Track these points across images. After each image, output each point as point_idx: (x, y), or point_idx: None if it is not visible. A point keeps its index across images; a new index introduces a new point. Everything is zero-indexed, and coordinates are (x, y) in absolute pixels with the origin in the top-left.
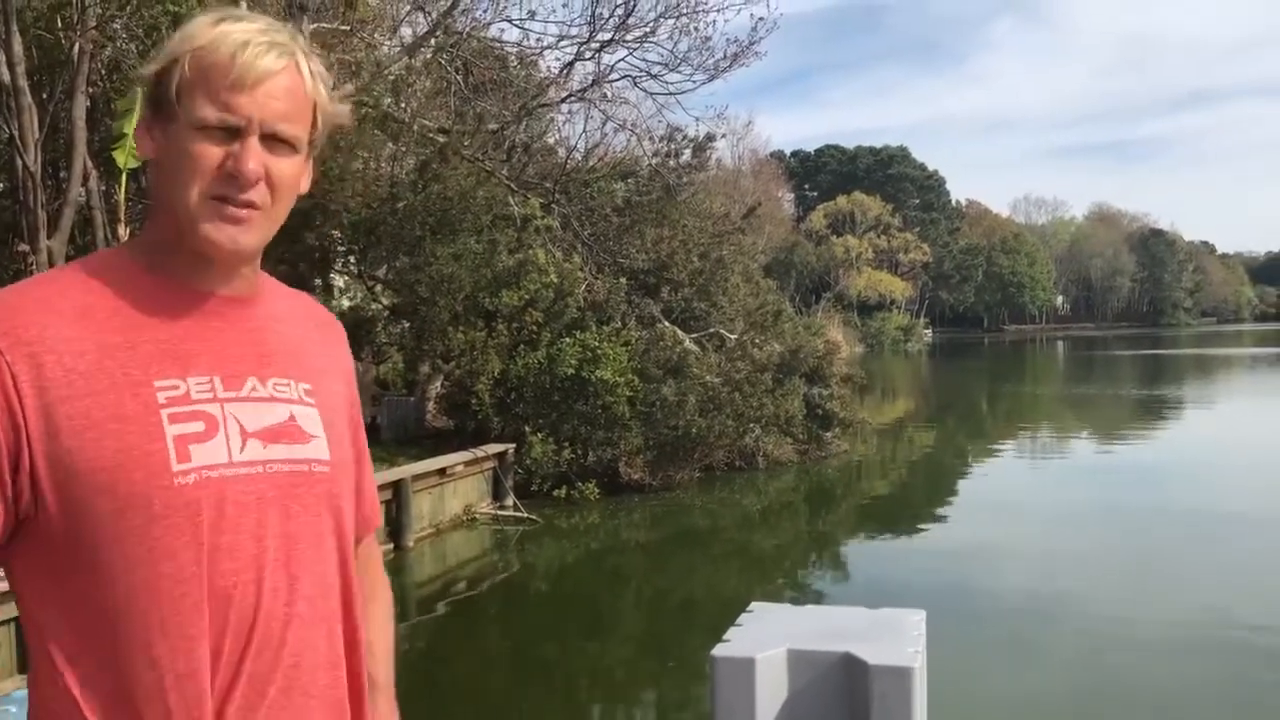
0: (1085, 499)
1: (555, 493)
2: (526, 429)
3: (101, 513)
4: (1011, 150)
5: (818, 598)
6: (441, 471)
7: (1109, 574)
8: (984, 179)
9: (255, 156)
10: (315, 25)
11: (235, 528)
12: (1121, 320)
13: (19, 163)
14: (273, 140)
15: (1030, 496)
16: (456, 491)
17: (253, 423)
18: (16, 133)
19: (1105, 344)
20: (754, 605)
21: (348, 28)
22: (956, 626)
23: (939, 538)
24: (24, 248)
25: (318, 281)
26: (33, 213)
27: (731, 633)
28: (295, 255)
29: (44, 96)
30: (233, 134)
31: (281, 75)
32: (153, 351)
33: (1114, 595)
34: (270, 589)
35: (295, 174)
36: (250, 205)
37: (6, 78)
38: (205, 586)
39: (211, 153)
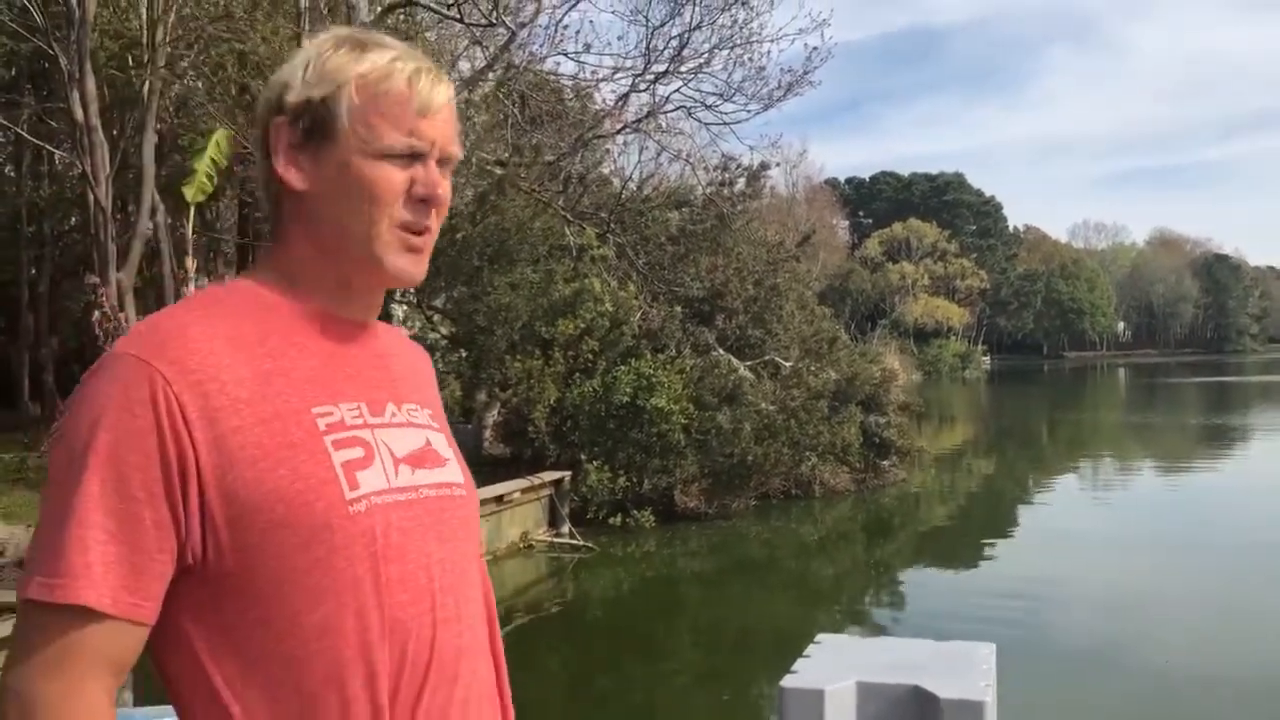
0: (1153, 530)
1: (611, 520)
2: (582, 456)
3: (282, 546)
4: (1069, 175)
5: (878, 629)
6: (499, 499)
7: (1182, 610)
8: (1042, 205)
9: (442, 180)
10: None
11: (403, 556)
12: (1185, 347)
13: (91, 197)
14: (442, 163)
15: (1094, 527)
16: (514, 518)
17: (400, 448)
18: (89, 168)
19: (1168, 371)
20: (821, 636)
21: None
22: (1024, 660)
23: (1001, 569)
24: (94, 279)
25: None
26: (103, 245)
27: (799, 664)
28: None
29: (115, 133)
30: (412, 159)
31: (450, 101)
32: (305, 377)
33: (1188, 633)
34: (443, 619)
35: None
36: (427, 231)
37: (80, 115)
38: (385, 619)
39: (398, 178)
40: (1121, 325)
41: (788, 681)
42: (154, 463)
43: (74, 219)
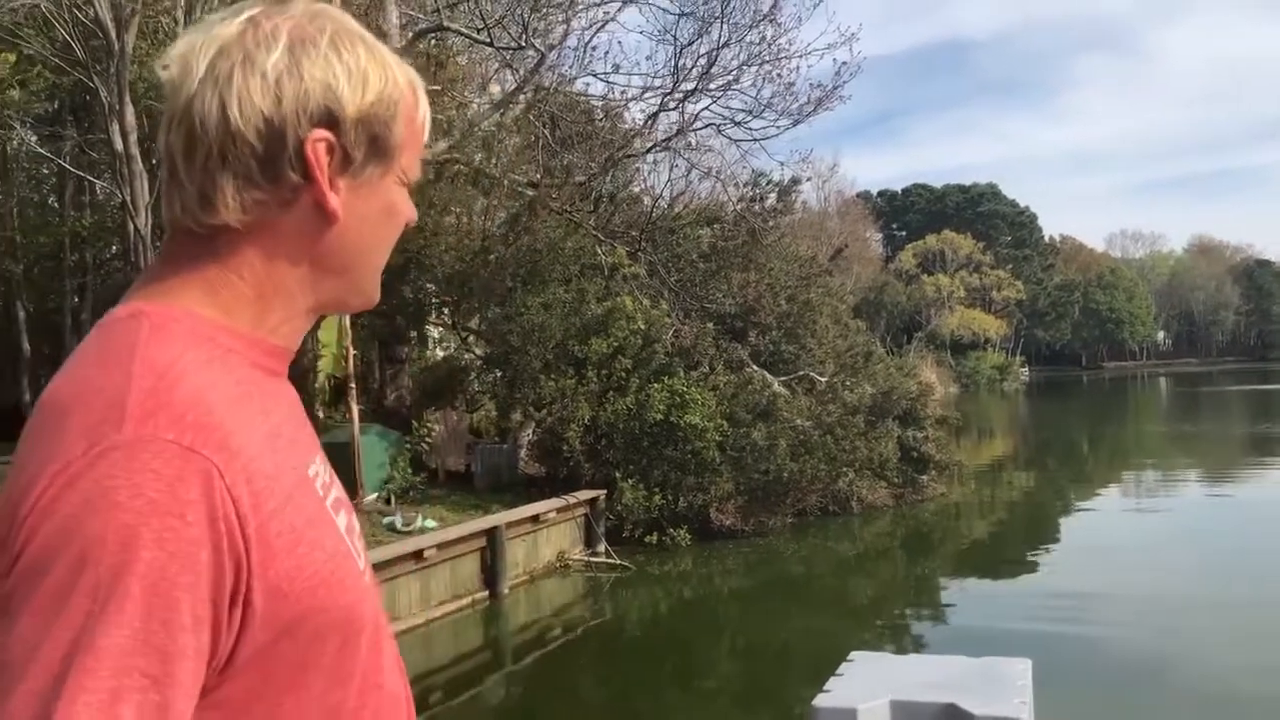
0: (1197, 543)
1: (647, 539)
2: (617, 475)
3: (320, 634)
4: (1105, 184)
5: (917, 645)
6: (535, 518)
7: (1226, 626)
8: (1077, 214)
9: None
10: None
11: (383, 618)
12: (1227, 355)
13: (131, 226)
14: None
15: (1137, 540)
16: (549, 538)
17: (338, 492)
18: (129, 197)
19: (1211, 379)
20: (854, 654)
21: (439, 87)
22: (1062, 677)
23: (1041, 584)
24: None
25: (413, 333)
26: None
27: (832, 683)
28: (392, 309)
29: (154, 163)
30: None
31: None
32: (289, 433)
33: (1232, 649)
34: (404, 679)
35: None
36: None
37: (120, 145)
38: (396, 693)
39: (409, 209)
40: (1162, 334)
41: (820, 701)
42: (205, 581)
43: (115, 247)
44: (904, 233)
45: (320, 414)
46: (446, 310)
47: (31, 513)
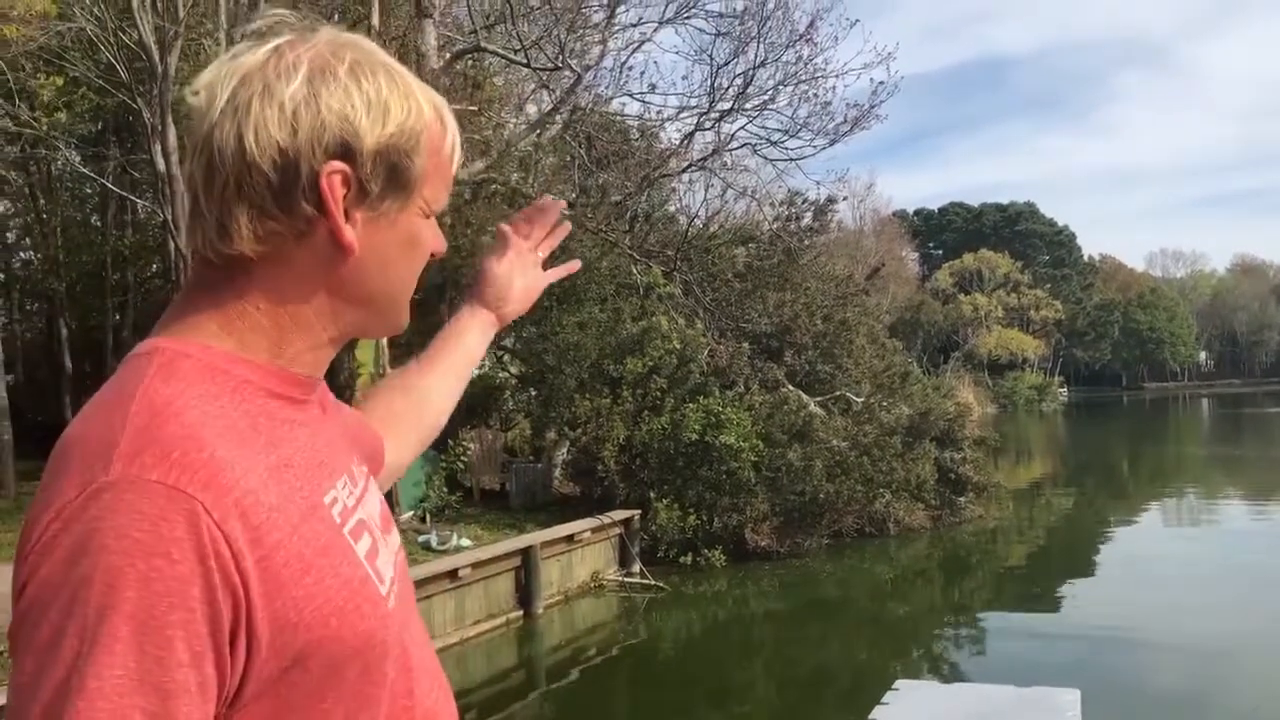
0: (1243, 569)
1: (681, 559)
2: (651, 495)
3: (337, 663)
4: (1145, 203)
5: (957, 673)
6: (569, 538)
7: (1277, 655)
8: (1117, 233)
9: None
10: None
11: (417, 640)
12: (1272, 376)
13: (171, 245)
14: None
15: (1181, 565)
16: (584, 558)
17: (374, 516)
18: (170, 217)
19: (1254, 401)
20: (899, 683)
21: (475, 108)
22: (1110, 707)
23: (1084, 608)
24: None
25: None
26: None
27: (878, 712)
28: (429, 327)
29: None
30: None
31: None
32: (305, 462)
33: None
34: (446, 695)
35: None
36: None
37: (162, 166)
38: (434, 711)
39: (434, 237)
40: (1203, 355)
41: None
42: (200, 616)
43: (155, 266)
44: (940, 252)
45: None
46: None
47: (32, 552)
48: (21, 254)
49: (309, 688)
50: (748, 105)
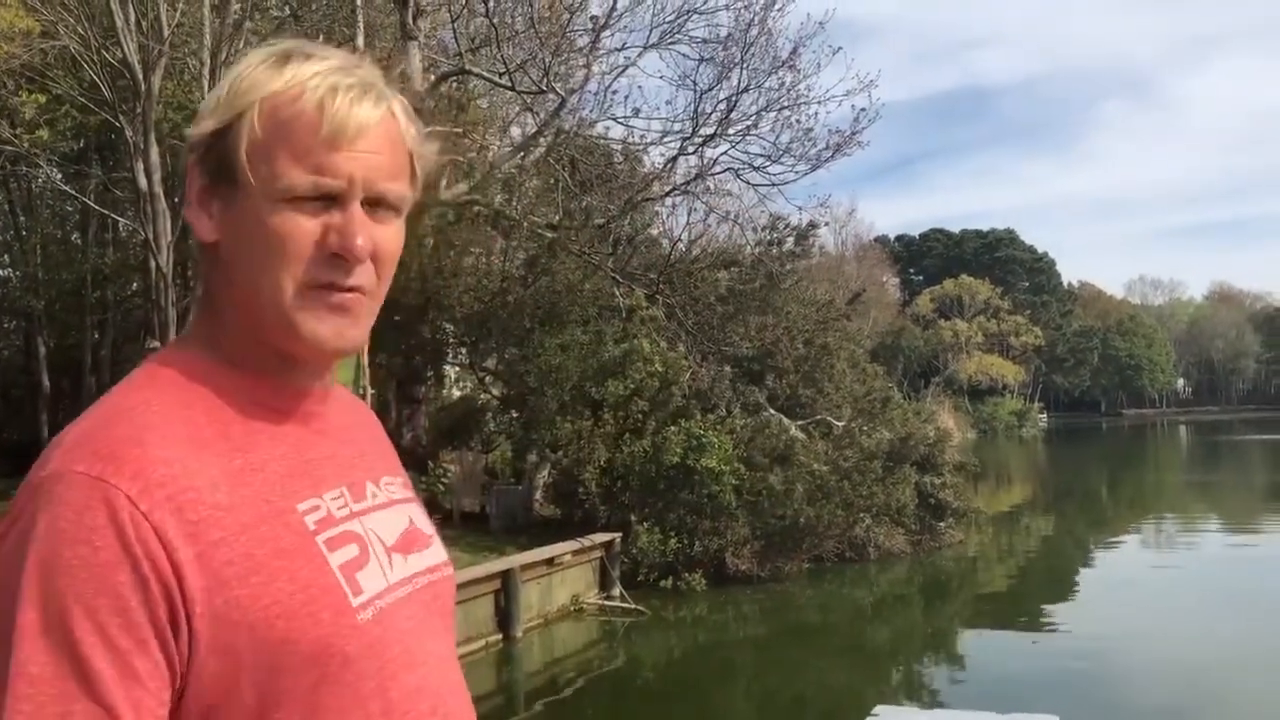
0: (1220, 594)
1: (662, 583)
2: (632, 518)
3: (287, 668)
4: (1124, 231)
5: (937, 698)
6: (549, 561)
7: (1252, 679)
8: (1096, 260)
9: (363, 228)
10: (430, 129)
11: (410, 660)
12: (1248, 403)
13: (153, 263)
14: (374, 205)
15: (1159, 591)
16: (564, 581)
17: (389, 534)
18: (151, 236)
19: (1231, 428)
20: (879, 708)
21: (460, 130)
22: None
23: (1063, 634)
24: (155, 344)
25: (430, 373)
26: (164, 311)
27: None
28: (410, 348)
29: (176, 201)
30: (328, 202)
31: (381, 124)
32: (280, 470)
33: (1258, 703)
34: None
35: (399, 242)
36: (358, 290)
37: (144, 184)
38: None
39: (306, 228)
40: (1181, 382)
41: None
42: (134, 602)
43: (136, 285)
44: (921, 278)
45: None
46: (464, 350)
47: None
48: (0, 271)
49: (260, 693)
50: (731, 130)
